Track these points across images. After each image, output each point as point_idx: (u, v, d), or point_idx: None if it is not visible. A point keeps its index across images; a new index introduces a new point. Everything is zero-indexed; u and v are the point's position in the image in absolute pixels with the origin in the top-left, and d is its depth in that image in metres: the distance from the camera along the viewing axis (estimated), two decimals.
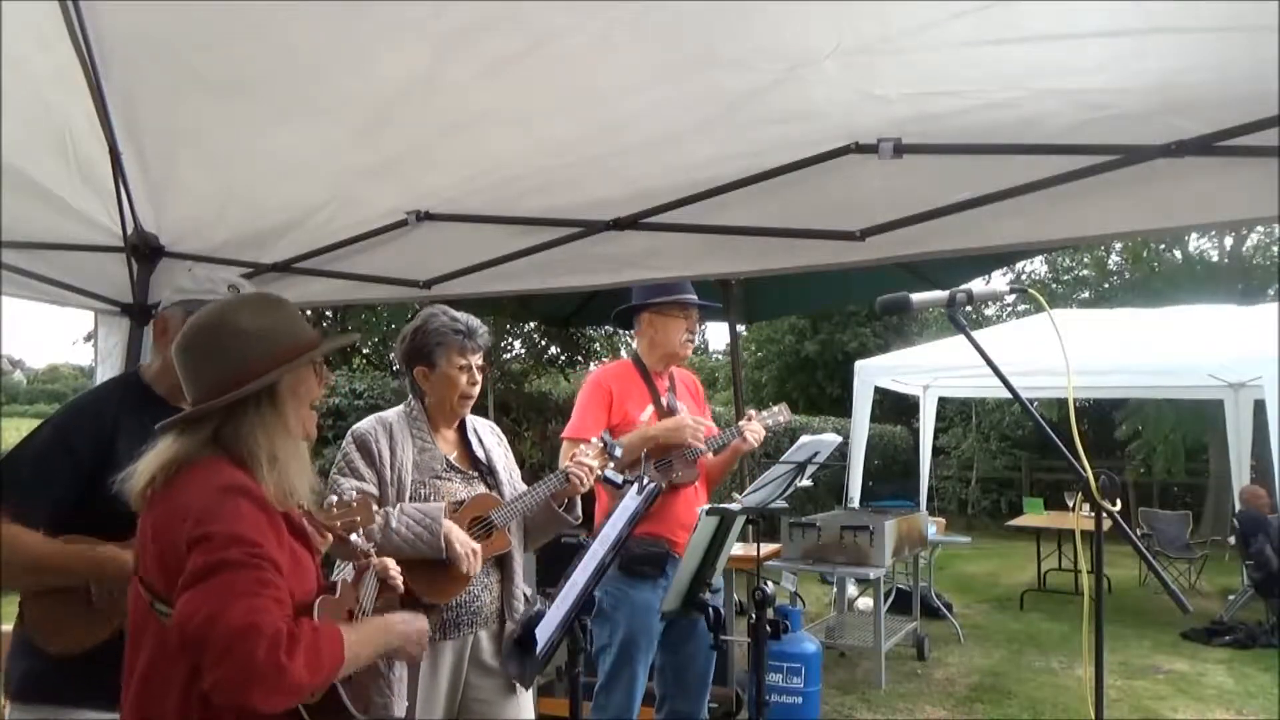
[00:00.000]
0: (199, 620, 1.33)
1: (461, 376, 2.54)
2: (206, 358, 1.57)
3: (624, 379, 3.32)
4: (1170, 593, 1.94)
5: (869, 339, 17.92)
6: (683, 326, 3.31)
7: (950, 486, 17.41)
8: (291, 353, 1.59)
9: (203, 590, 1.35)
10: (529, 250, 2.74)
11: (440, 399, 2.57)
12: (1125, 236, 13.14)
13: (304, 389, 1.64)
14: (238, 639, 1.30)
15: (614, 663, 3.15)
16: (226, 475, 1.50)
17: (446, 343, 2.53)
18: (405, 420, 2.56)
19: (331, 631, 1.46)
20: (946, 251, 2.33)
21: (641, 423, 3.24)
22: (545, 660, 2.00)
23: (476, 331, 2.57)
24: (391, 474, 2.45)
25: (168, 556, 1.44)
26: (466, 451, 2.64)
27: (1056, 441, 1.92)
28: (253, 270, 3.03)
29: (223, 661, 1.31)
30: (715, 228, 2.51)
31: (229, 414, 1.55)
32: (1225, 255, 16.85)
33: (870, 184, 2.30)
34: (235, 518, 1.44)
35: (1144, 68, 1.93)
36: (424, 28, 2.13)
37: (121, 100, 2.51)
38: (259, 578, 1.38)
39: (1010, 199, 2.14)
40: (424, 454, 2.52)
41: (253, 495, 1.49)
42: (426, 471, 2.51)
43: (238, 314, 1.61)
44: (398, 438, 2.50)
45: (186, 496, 1.47)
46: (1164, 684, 6.13)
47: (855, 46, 2.00)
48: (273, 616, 1.34)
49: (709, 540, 2.45)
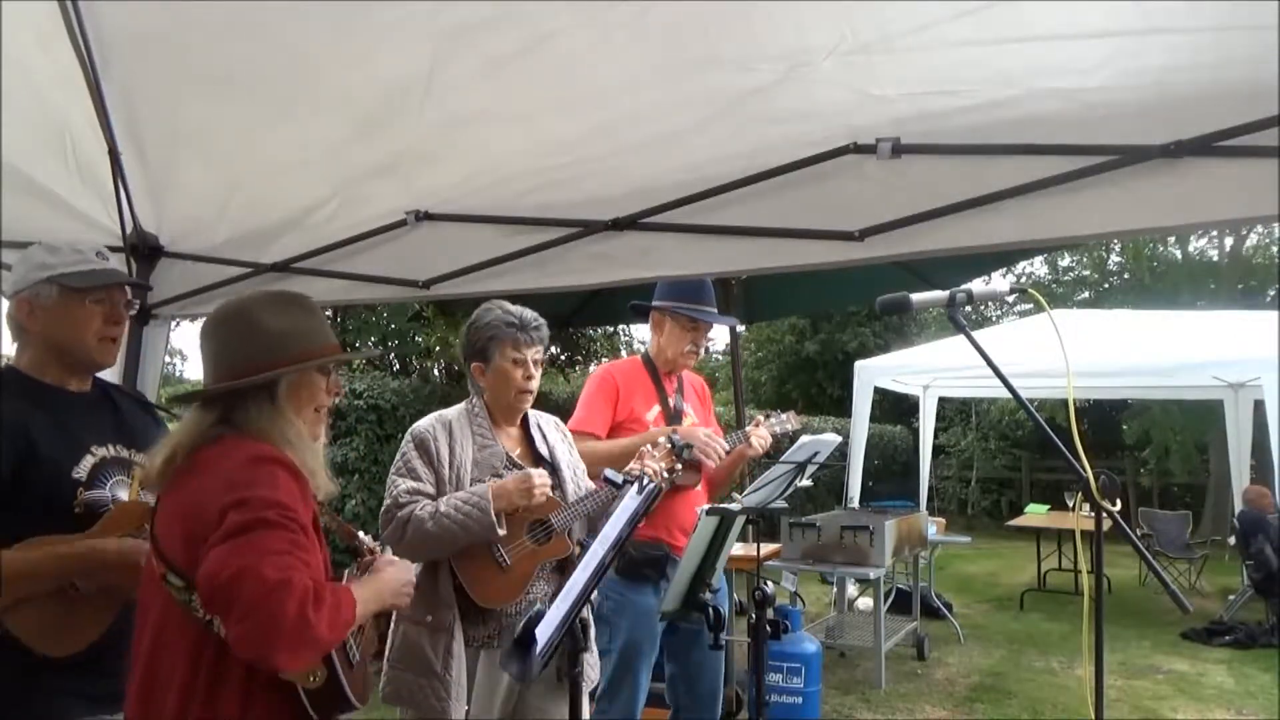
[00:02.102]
0: (229, 573, 1.32)
1: (517, 371, 2.49)
2: (222, 344, 1.63)
3: (632, 376, 3.30)
4: (1170, 593, 1.93)
5: (869, 339, 17.91)
6: (689, 338, 3.27)
7: (950, 486, 17.42)
8: (302, 356, 1.62)
9: (235, 545, 1.36)
10: (528, 250, 2.74)
11: (497, 395, 2.53)
12: (1125, 236, 13.15)
13: (306, 393, 1.65)
14: (270, 593, 1.30)
15: (616, 668, 3.09)
16: (255, 447, 1.52)
17: (500, 336, 2.49)
18: (466, 417, 2.52)
19: (346, 592, 1.49)
20: (946, 251, 2.33)
21: (648, 422, 3.22)
22: (545, 660, 2.00)
23: (531, 324, 2.52)
24: (450, 473, 2.41)
25: (193, 526, 1.44)
26: (530, 448, 2.60)
27: (1056, 442, 1.92)
28: (253, 270, 3.03)
29: (251, 615, 1.31)
30: (715, 228, 2.51)
31: (235, 400, 1.59)
32: (1225, 255, 16.85)
33: (869, 184, 2.30)
34: (272, 484, 1.45)
35: (1143, 67, 1.93)
36: (423, 27, 2.13)
37: (121, 100, 2.51)
38: (292, 539, 1.40)
39: (1010, 199, 2.14)
40: (484, 451, 2.48)
41: (287, 464, 1.51)
42: (487, 469, 2.46)
43: (259, 309, 1.65)
44: (457, 436, 2.46)
45: (216, 469, 1.49)
46: (1164, 684, 6.13)
47: (855, 46, 2.00)
48: (302, 574, 1.35)
49: (709, 541, 2.45)
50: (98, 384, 2.08)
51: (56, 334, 1.95)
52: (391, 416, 6.41)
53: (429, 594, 2.37)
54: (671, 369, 3.36)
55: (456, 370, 9.25)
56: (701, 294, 3.25)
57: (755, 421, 3.35)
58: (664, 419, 3.26)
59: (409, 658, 2.36)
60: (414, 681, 2.33)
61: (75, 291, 1.94)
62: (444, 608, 2.36)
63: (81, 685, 1.83)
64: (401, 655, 2.38)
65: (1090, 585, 1.85)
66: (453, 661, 2.32)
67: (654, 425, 3.24)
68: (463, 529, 2.30)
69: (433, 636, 2.35)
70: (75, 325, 1.95)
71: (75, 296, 1.95)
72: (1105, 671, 1.85)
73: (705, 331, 3.34)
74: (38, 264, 1.94)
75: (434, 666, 2.31)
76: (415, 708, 2.32)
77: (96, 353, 2.00)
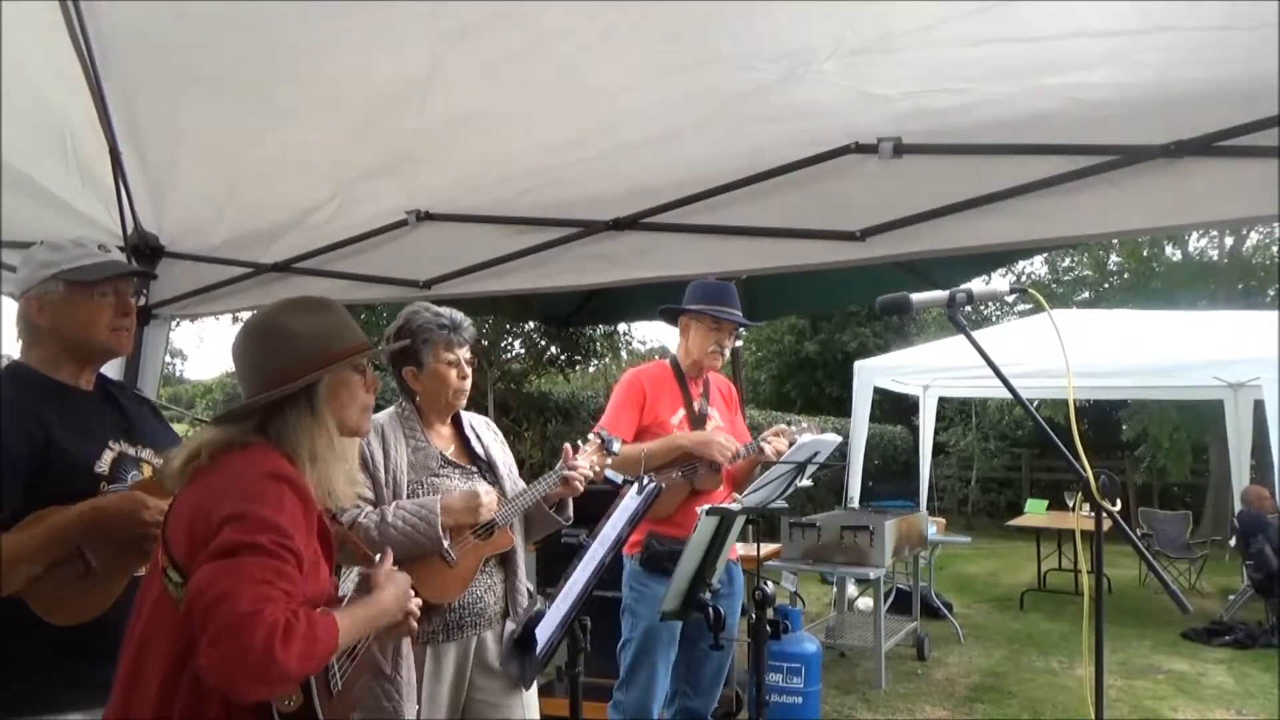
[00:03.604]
0: (209, 597, 1.33)
1: (451, 372, 2.50)
2: (256, 356, 1.64)
3: (659, 380, 3.37)
4: (1170, 593, 1.93)
5: (869, 339, 17.92)
6: (712, 339, 3.35)
7: (950, 486, 17.42)
8: (334, 356, 1.63)
9: (222, 567, 1.36)
10: (529, 250, 2.74)
11: (433, 397, 2.53)
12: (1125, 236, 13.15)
13: (346, 392, 1.67)
14: (240, 624, 1.31)
15: (634, 657, 3.20)
16: (274, 463, 1.53)
17: (432, 339, 2.48)
18: (397, 420, 2.52)
19: (327, 621, 1.47)
20: (946, 251, 2.33)
21: (672, 426, 3.29)
22: (545, 660, 2.00)
23: (462, 325, 2.52)
24: (386, 475, 2.41)
25: (198, 524, 1.45)
26: (464, 447, 2.61)
27: (1056, 441, 1.92)
28: (253, 270, 3.03)
29: (219, 643, 1.31)
30: (715, 228, 2.51)
31: (273, 411, 1.59)
32: (1225, 255, 16.86)
33: (870, 184, 2.30)
34: (277, 505, 1.45)
35: (1144, 66, 1.93)
36: (424, 27, 2.13)
37: (121, 100, 2.51)
38: (278, 568, 1.39)
39: (1010, 199, 2.14)
40: (419, 452, 2.49)
41: (298, 487, 1.51)
42: (423, 470, 2.47)
43: (287, 316, 1.66)
44: (389, 438, 2.46)
45: (233, 474, 1.50)
46: (1164, 684, 6.13)
47: (856, 46, 2.01)
48: (277, 607, 1.35)
49: (709, 540, 2.45)
50: (100, 381, 2.09)
51: (68, 329, 1.96)
52: None
53: None
54: (698, 371, 3.44)
55: None
56: (724, 296, 3.35)
57: (778, 430, 3.42)
58: (689, 423, 3.33)
59: None
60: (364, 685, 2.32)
61: (81, 285, 1.95)
62: None
63: (75, 672, 1.82)
64: None
65: (1090, 585, 1.85)
66: (402, 661, 2.30)
67: (679, 429, 3.32)
68: (410, 540, 2.31)
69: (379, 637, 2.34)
70: (86, 319, 1.96)
71: (82, 290, 1.95)
72: (1105, 671, 1.85)
73: (729, 332, 3.41)
74: (41, 262, 1.96)
75: (383, 668, 2.29)
76: (365, 710, 2.28)
77: (111, 342, 2.01)
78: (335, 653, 1.47)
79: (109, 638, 1.66)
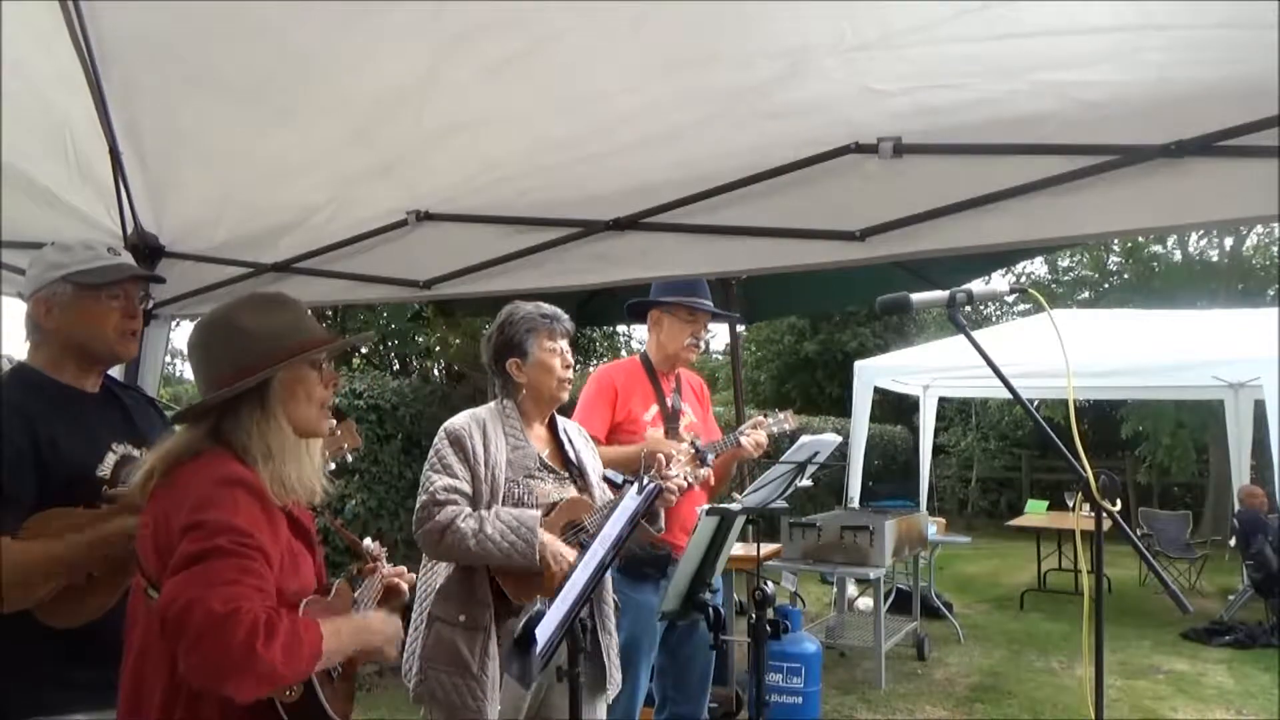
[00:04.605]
0: (179, 606, 1.34)
1: (555, 360, 2.54)
2: (209, 354, 1.63)
3: (630, 376, 3.34)
4: (1170, 593, 1.94)
5: (869, 339, 17.90)
6: (688, 331, 3.32)
7: (950, 486, 17.42)
8: (289, 352, 1.61)
9: (187, 576, 1.36)
10: (528, 250, 2.74)
11: (538, 388, 2.56)
12: (1125, 236, 13.15)
13: (302, 389, 1.64)
14: (215, 625, 1.31)
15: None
16: (226, 468, 1.52)
17: (536, 328, 2.54)
18: (498, 417, 2.54)
19: (309, 625, 1.46)
20: (946, 251, 2.33)
21: (645, 422, 3.26)
22: (545, 660, 2.00)
23: (561, 315, 2.59)
24: (486, 471, 2.42)
25: (162, 542, 1.46)
26: (559, 451, 2.63)
27: (1056, 441, 1.92)
28: (253, 270, 3.03)
29: (198, 647, 1.32)
30: (715, 227, 2.51)
31: (227, 409, 1.58)
32: (1225, 255, 16.85)
33: (870, 184, 2.30)
34: (231, 508, 1.45)
35: (1143, 66, 1.92)
36: (423, 28, 2.13)
37: (121, 100, 2.51)
38: (243, 565, 1.39)
39: (1010, 199, 2.14)
40: (517, 451, 2.50)
41: (251, 487, 1.51)
42: (520, 470, 2.48)
43: (241, 313, 1.64)
44: (491, 434, 2.48)
45: (185, 487, 1.49)
46: (1164, 684, 6.13)
47: (856, 44, 2.00)
48: (252, 604, 1.35)
49: (709, 540, 2.45)
50: (105, 382, 2.09)
51: (76, 332, 1.96)
52: (391, 416, 6.40)
53: (464, 595, 2.39)
54: (671, 367, 3.40)
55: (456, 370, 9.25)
56: (697, 288, 3.32)
57: (755, 422, 3.37)
58: (662, 419, 3.29)
59: (444, 657, 2.36)
60: (449, 681, 2.34)
61: (90, 288, 1.95)
62: (481, 608, 2.38)
63: (72, 674, 1.82)
64: (436, 654, 2.38)
65: (1090, 585, 1.85)
66: (489, 661, 2.33)
67: (652, 425, 3.28)
68: (504, 556, 2.32)
69: (468, 636, 2.35)
70: (93, 322, 1.96)
71: (90, 293, 1.96)
72: (1105, 671, 1.85)
73: (704, 323, 3.39)
74: (51, 264, 1.96)
75: (470, 666, 2.32)
76: (448, 708, 2.32)
77: (118, 346, 2.02)
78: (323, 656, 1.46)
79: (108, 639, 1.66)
